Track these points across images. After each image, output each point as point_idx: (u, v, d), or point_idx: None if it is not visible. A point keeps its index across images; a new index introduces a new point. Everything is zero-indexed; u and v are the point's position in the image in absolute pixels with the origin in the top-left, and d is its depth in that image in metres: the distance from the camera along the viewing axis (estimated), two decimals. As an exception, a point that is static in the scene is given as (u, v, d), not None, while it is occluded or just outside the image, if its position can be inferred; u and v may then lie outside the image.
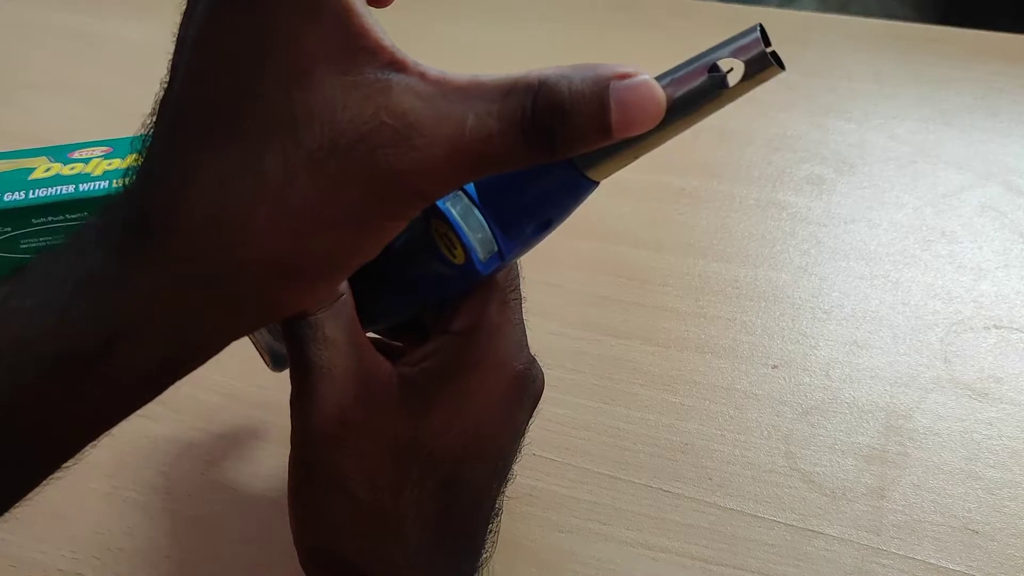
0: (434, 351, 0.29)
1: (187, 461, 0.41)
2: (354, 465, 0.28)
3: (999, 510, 0.38)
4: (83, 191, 0.46)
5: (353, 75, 0.21)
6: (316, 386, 0.27)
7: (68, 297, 0.22)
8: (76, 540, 0.38)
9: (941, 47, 0.66)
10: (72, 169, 0.47)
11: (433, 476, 0.29)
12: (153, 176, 0.23)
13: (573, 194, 0.26)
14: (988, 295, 0.47)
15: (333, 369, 0.27)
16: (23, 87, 0.68)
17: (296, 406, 0.28)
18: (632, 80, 0.22)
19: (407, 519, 0.28)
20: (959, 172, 0.55)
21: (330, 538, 0.29)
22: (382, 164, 0.21)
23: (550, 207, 0.27)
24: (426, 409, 0.29)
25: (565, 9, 0.74)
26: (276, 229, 0.22)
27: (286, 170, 0.21)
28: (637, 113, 0.22)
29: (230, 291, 0.23)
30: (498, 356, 0.29)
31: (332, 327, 0.28)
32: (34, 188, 0.46)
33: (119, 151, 0.49)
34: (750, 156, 0.57)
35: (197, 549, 0.38)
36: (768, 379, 0.43)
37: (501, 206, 0.27)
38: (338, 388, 0.27)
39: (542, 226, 0.27)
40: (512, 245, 0.27)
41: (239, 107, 0.22)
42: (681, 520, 0.38)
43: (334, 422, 0.27)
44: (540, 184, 0.26)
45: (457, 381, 0.29)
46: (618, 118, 0.21)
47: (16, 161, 0.49)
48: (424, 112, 0.21)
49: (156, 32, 0.74)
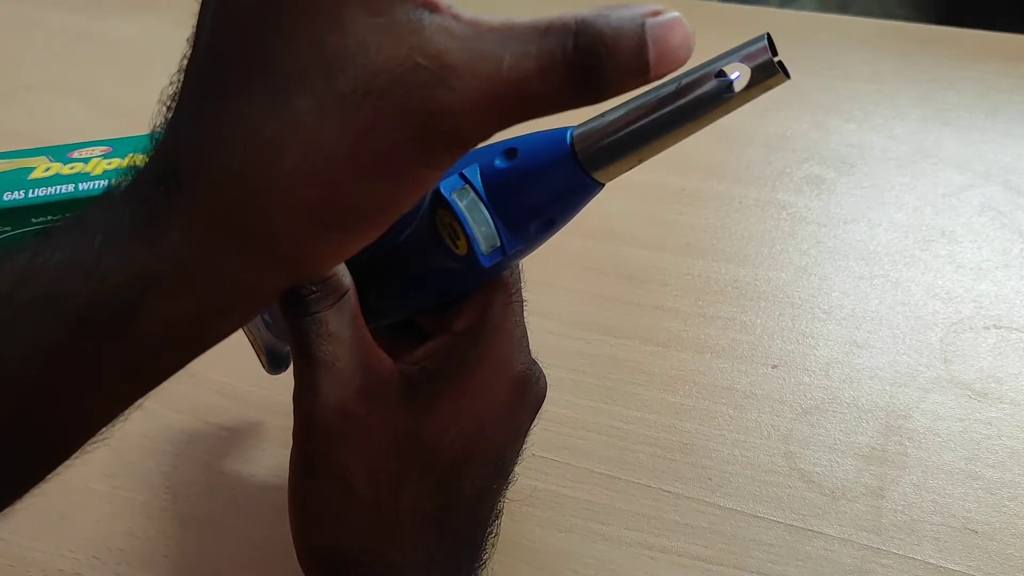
0: (435, 350, 0.29)
1: (187, 461, 0.41)
2: (355, 459, 0.28)
3: (999, 510, 0.38)
4: (83, 190, 0.46)
5: (385, 16, 0.21)
6: (319, 379, 0.27)
7: (97, 251, 0.21)
8: (76, 540, 0.38)
9: (941, 47, 0.66)
10: (72, 169, 0.47)
11: (433, 474, 0.29)
12: (181, 128, 0.22)
13: (578, 195, 0.26)
14: (988, 295, 0.47)
15: (336, 363, 0.27)
16: (23, 87, 0.68)
17: (299, 399, 0.28)
18: (663, 17, 0.21)
19: (406, 516, 0.28)
20: (959, 172, 0.55)
21: (329, 534, 0.29)
22: (417, 105, 0.21)
23: (555, 207, 0.27)
24: (427, 407, 0.29)
25: (565, 9, 0.74)
26: (308, 176, 0.21)
27: (319, 114, 0.21)
28: (671, 50, 0.21)
29: (261, 241, 0.22)
30: (499, 357, 0.29)
31: (337, 322, 0.28)
32: (34, 187, 0.46)
33: (119, 151, 0.49)
34: (750, 156, 0.57)
35: (197, 549, 0.38)
36: (768, 379, 0.43)
37: (507, 202, 0.27)
38: (341, 382, 0.27)
39: (545, 225, 0.27)
40: (515, 242, 0.27)
41: (268, 53, 0.21)
42: (681, 520, 0.38)
43: (336, 415, 0.27)
44: (546, 183, 0.26)
45: (458, 380, 0.29)
46: (655, 55, 0.21)
47: (16, 161, 0.49)
48: (459, 52, 0.21)
49: (156, 32, 0.74)
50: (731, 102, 0.23)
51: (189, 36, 0.23)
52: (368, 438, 0.28)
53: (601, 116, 0.25)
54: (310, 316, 0.27)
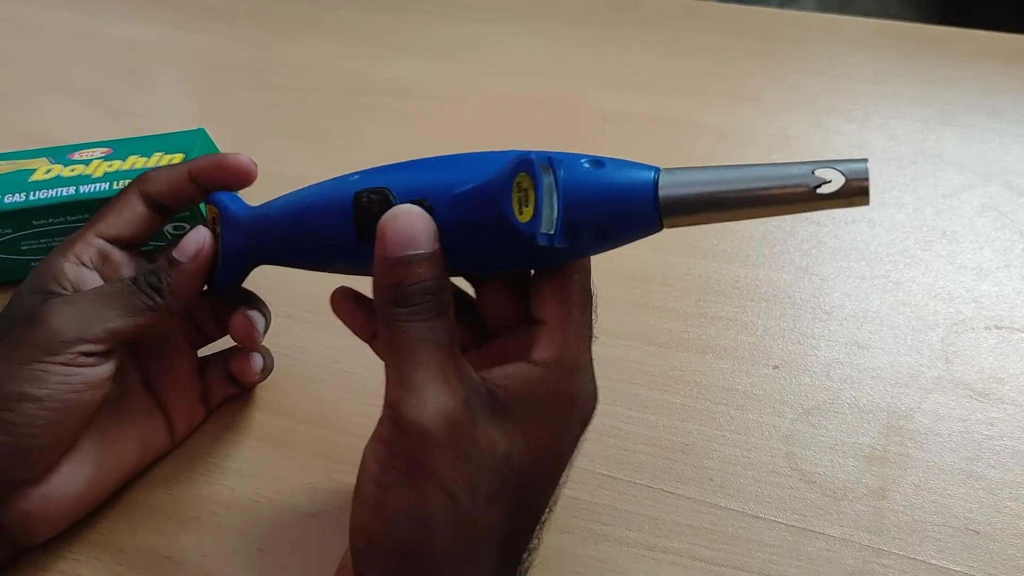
0: (515, 374, 0.30)
1: (187, 461, 0.41)
2: (459, 469, 0.28)
3: (1000, 510, 0.38)
4: (83, 193, 0.46)
5: None
6: (427, 385, 0.28)
7: None
8: (76, 540, 0.38)
9: (941, 47, 0.66)
10: (72, 171, 0.47)
11: (516, 493, 0.29)
12: None
13: (639, 228, 0.28)
14: (989, 295, 0.47)
15: (444, 372, 0.28)
16: (23, 87, 0.68)
17: (402, 402, 0.28)
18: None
19: (487, 533, 0.29)
20: (959, 172, 0.55)
21: (413, 536, 0.28)
22: None
23: (614, 229, 0.28)
24: (515, 427, 0.29)
25: (565, 9, 0.74)
26: None
27: None
28: None
29: None
30: (574, 391, 0.30)
31: (447, 331, 0.28)
32: (34, 190, 0.46)
33: (119, 152, 0.49)
34: (751, 156, 0.57)
35: (197, 549, 0.38)
36: (769, 379, 0.43)
37: (575, 204, 0.28)
38: (449, 391, 0.28)
39: (597, 239, 0.28)
40: (565, 240, 0.28)
41: None
42: (682, 521, 0.38)
43: (445, 422, 0.27)
44: (618, 205, 0.28)
45: (539, 407, 0.30)
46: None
47: (16, 162, 0.49)
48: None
49: (156, 32, 0.74)
50: (812, 204, 0.26)
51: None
52: (473, 450, 0.28)
53: (691, 171, 0.27)
54: (422, 323, 0.28)
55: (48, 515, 0.36)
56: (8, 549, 0.36)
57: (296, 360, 0.45)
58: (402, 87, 0.65)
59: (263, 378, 0.42)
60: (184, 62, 0.70)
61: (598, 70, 0.66)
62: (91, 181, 0.47)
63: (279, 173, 0.42)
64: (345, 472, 0.40)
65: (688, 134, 0.59)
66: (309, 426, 0.42)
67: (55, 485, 0.35)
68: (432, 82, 0.65)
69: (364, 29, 0.72)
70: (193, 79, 0.68)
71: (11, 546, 0.36)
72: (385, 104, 0.64)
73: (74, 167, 0.48)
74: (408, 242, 0.28)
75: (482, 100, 0.63)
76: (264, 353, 0.42)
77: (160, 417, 0.40)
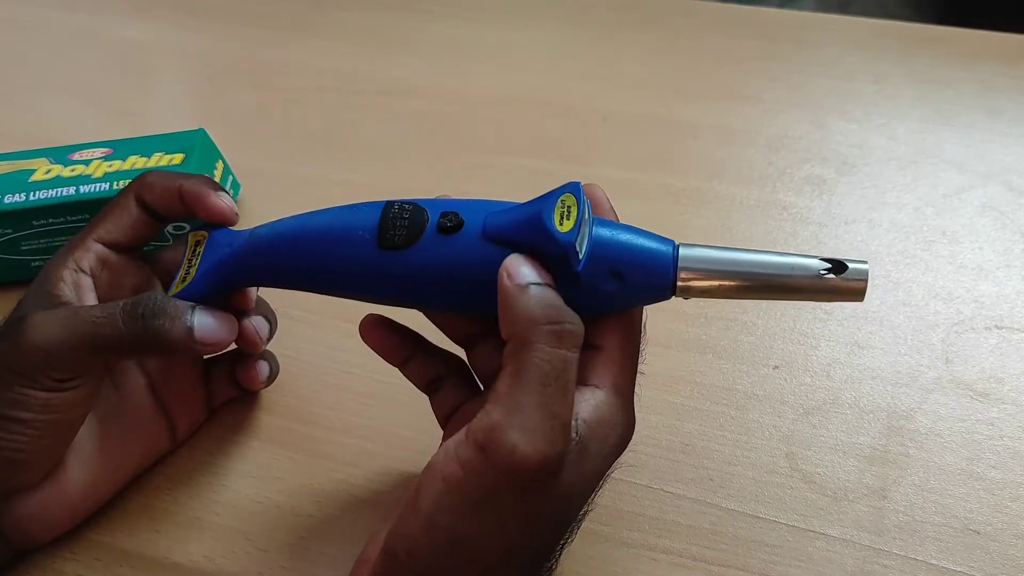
0: (591, 400, 0.30)
1: (188, 461, 0.41)
2: (525, 512, 0.28)
3: (1001, 511, 0.38)
4: (83, 193, 0.46)
5: None
6: (537, 421, 0.27)
7: None
8: (76, 540, 0.38)
9: (941, 47, 0.66)
10: (72, 171, 0.47)
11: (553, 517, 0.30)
12: None
13: (652, 292, 0.30)
14: (989, 295, 0.47)
15: (558, 418, 0.28)
16: (23, 87, 0.68)
17: (504, 430, 0.27)
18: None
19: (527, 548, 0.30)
20: (960, 172, 0.55)
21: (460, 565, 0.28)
22: None
23: (630, 287, 0.30)
24: (588, 464, 0.30)
25: (565, 9, 0.74)
26: None
27: None
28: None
29: None
30: (619, 420, 0.31)
31: (573, 373, 0.29)
32: (34, 190, 0.46)
33: (119, 152, 0.49)
34: (751, 157, 0.57)
35: (198, 549, 0.38)
36: (769, 380, 0.43)
37: (601, 246, 0.30)
38: (551, 436, 0.27)
39: (608, 284, 0.30)
40: (586, 266, 0.30)
41: None
42: (682, 521, 0.38)
43: (538, 465, 0.27)
44: (639, 267, 0.30)
45: (605, 431, 0.30)
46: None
47: (16, 163, 0.49)
48: None
49: (156, 32, 0.74)
50: (817, 286, 0.29)
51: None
52: (547, 503, 0.28)
53: (708, 250, 0.30)
54: (572, 352, 0.28)
55: (48, 519, 0.36)
56: (8, 551, 0.36)
57: (296, 360, 0.45)
58: (402, 87, 0.65)
59: (268, 384, 0.42)
60: (184, 62, 0.70)
61: (598, 70, 0.66)
62: (91, 181, 0.47)
63: (279, 173, 0.42)
64: (345, 472, 0.40)
65: (688, 134, 0.59)
66: (309, 426, 0.42)
67: (55, 489, 0.35)
68: (432, 82, 0.65)
69: (364, 29, 0.72)
70: (193, 79, 0.68)
71: (11, 548, 0.36)
72: (385, 104, 0.64)
73: (74, 167, 0.48)
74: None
75: (482, 100, 0.64)
76: (270, 359, 0.42)
77: (163, 420, 0.40)
